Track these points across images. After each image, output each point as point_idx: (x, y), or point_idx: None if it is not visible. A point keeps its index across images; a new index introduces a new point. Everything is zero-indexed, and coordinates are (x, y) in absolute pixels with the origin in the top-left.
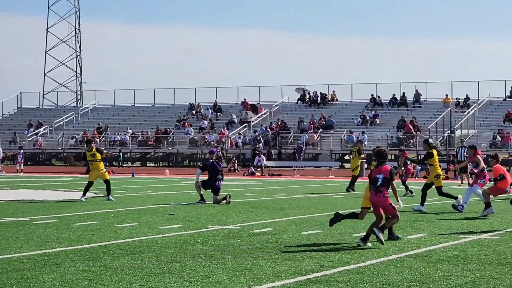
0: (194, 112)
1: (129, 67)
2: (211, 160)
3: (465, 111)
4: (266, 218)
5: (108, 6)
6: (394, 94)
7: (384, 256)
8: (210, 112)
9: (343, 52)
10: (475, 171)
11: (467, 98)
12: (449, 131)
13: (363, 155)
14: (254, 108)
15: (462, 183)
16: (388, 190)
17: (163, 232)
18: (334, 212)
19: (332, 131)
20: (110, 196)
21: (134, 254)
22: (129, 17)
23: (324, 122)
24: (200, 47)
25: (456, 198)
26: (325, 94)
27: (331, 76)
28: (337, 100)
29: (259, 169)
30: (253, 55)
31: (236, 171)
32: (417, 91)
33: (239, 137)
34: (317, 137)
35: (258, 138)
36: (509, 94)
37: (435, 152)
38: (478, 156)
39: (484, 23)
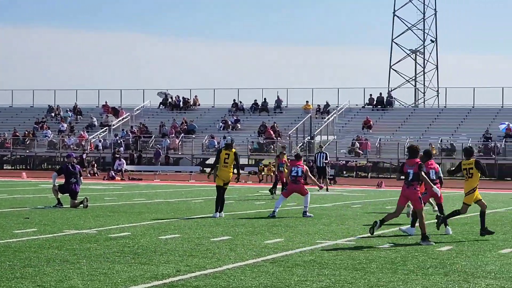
0: (53, 114)
1: None
2: (67, 164)
3: (325, 118)
4: (124, 223)
5: None
6: (256, 100)
7: (241, 260)
8: (70, 114)
9: (205, 57)
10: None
11: (327, 105)
12: (309, 137)
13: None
14: (115, 112)
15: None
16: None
17: (18, 236)
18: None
19: (193, 136)
20: None
21: None
22: None
23: (186, 127)
24: (61, 49)
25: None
26: (187, 99)
27: (193, 81)
28: (199, 104)
29: (119, 173)
30: (115, 58)
31: (96, 175)
32: (278, 97)
33: (100, 141)
34: (179, 142)
35: (118, 142)
36: (367, 102)
37: None
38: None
39: (343, 33)
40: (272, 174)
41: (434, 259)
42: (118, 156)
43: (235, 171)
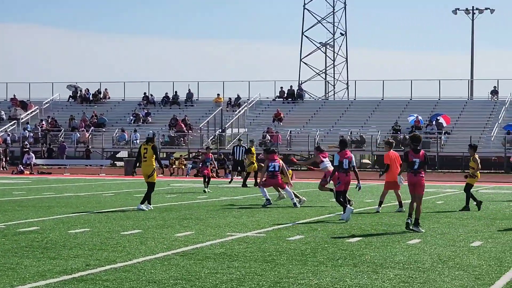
0: None
1: None
2: None
3: (236, 110)
4: (33, 217)
5: None
6: (166, 93)
7: (151, 254)
8: None
9: (115, 50)
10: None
11: (238, 98)
12: (220, 130)
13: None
14: (24, 105)
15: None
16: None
17: None
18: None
19: (104, 129)
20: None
21: None
22: None
23: (96, 120)
24: None
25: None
26: (98, 91)
27: (103, 74)
28: (109, 97)
29: (28, 167)
30: (23, 51)
31: (4, 169)
32: (189, 90)
33: (8, 135)
34: (89, 135)
35: (27, 135)
36: (278, 95)
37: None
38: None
39: (254, 26)
40: (183, 167)
41: (344, 250)
42: (26, 150)
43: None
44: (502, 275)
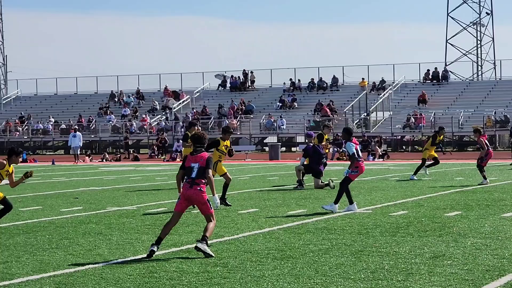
0: (116, 99)
1: (52, 56)
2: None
3: (380, 94)
4: (165, 199)
5: None
6: (312, 78)
7: (259, 229)
8: (133, 99)
9: (262, 38)
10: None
11: (383, 81)
12: (365, 113)
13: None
14: (176, 95)
15: None
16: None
17: (64, 214)
18: None
19: (252, 116)
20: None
21: (29, 233)
22: (50, 4)
23: (244, 107)
24: (121, 35)
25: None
26: (245, 78)
27: (250, 62)
28: (254, 81)
29: (179, 154)
30: (174, 43)
31: (156, 157)
32: (334, 76)
33: (162, 123)
34: (237, 122)
35: (180, 124)
36: (424, 76)
37: None
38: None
39: (398, 9)
40: (327, 151)
41: (437, 223)
42: (177, 138)
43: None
44: None
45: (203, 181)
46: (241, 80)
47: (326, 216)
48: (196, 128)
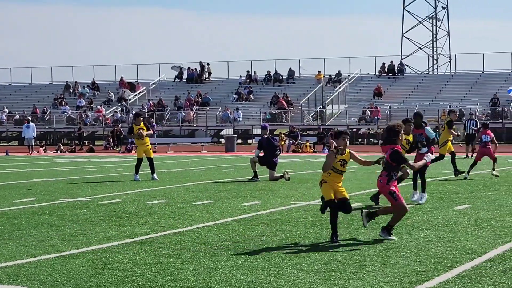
0: (71, 90)
1: (6, 46)
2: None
3: (336, 87)
4: (119, 191)
5: None
6: (269, 71)
7: (213, 220)
8: (88, 90)
9: (218, 30)
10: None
11: (339, 74)
12: (321, 106)
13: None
14: (132, 86)
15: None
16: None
17: (16, 205)
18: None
19: (208, 108)
20: (154, 175)
21: None
22: None
23: (200, 99)
24: (76, 26)
25: None
26: (202, 70)
27: (207, 54)
28: (210, 80)
29: (134, 145)
30: (131, 34)
31: (111, 148)
32: (290, 68)
33: (118, 115)
34: (193, 114)
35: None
36: (380, 70)
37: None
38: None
39: (355, 2)
40: (283, 143)
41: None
42: None
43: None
44: None
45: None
46: (198, 72)
47: (280, 208)
48: (142, 118)
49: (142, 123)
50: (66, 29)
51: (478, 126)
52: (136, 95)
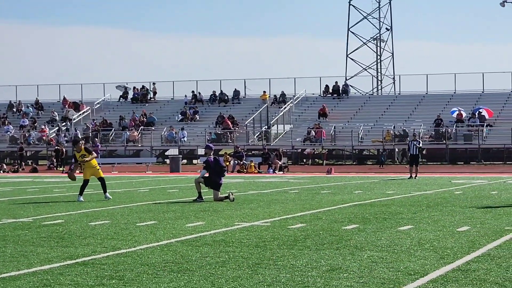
0: (14, 110)
1: None
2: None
3: (281, 107)
4: (62, 211)
5: None
6: (214, 91)
7: (156, 241)
8: (31, 110)
9: (164, 50)
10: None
11: (284, 94)
12: (266, 126)
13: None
14: (76, 106)
15: None
16: None
17: None
18: None
19: (153, 128)
20: (107, 194)
21: None
22: None
23: (145, 119)
24: (21, 44)
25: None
26: (147, 91)
27: (152, 74)
28: (156, 94)
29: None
30: (74, 53)
31: (55, 168)
32: (235, 89)
33: (63, 135)
34: (138, 134)
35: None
36: (324, 90)
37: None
38: None
39: (300, 23)
40: (228, 163)
41: (335, 236)
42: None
43: None
44: (466, 255)
45: None
46: (143, 92)
47: (224, 228)
48: (81, 144)
49: (83, 148)
50: (9, 48)
51: (421, 145)
52: (80, 114)
